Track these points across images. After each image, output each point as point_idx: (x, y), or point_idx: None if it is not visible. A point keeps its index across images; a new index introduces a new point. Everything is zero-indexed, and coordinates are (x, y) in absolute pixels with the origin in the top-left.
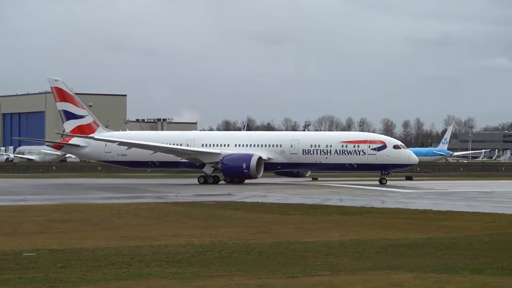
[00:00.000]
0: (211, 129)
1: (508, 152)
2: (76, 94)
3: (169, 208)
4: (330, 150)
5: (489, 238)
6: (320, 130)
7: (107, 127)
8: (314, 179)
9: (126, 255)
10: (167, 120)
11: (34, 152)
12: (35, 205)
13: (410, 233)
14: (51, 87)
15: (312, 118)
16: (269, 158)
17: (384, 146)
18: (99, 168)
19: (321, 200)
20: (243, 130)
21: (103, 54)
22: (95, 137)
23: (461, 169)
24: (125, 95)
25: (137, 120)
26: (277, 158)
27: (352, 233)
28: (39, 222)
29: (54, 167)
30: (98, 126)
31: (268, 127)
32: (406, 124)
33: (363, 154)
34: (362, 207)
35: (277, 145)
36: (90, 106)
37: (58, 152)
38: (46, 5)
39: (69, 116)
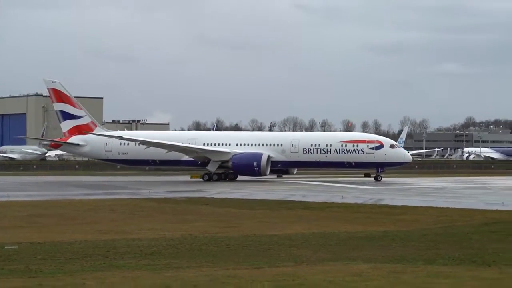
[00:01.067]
0: (182, 130)
1: (459, 150)
2: None
3: (143, 204)
4: (330, 149)
5: (441, 231)
6: (285, 131)
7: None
8: (279, 176)
9: (102, 248)
10: (141, 121)
11: (16, 151)
12: (17, 201)
13: (368, 227)
14: (48, 89)
15: (277, 119)
16: (270, 157)
17: (381, 146)
18: (77, 166)
19: (285, 196)
20: (213, 130)
21: (81, 59)
22: (123, 136)
23: (416, 166)
24: (102, 98)
25: (113, 121)
26: (278, 157)
27: (314, 226)
28: (21, 217)
29: (34, 166)
30: (96, 126)
31: (236, 128)
32: (365, 125)
33: (362, 153)
34: (324, 202)
35: (278, 145)
36: None
37: (39, 151)
38: (27, 12)
39: (67, 116)
